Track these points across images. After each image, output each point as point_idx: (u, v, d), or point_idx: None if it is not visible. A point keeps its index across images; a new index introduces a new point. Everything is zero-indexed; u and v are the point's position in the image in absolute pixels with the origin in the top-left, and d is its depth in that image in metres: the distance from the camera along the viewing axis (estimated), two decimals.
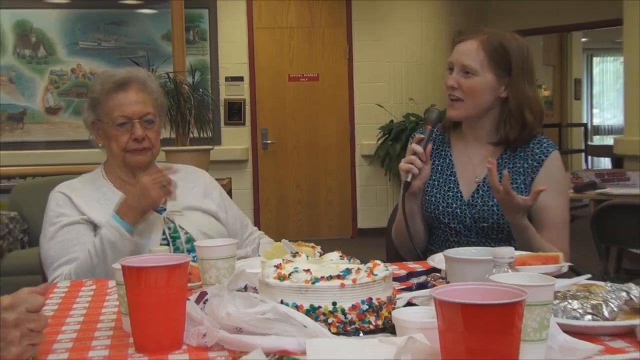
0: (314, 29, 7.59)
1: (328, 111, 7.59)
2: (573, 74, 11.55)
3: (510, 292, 0.91)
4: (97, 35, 7.31)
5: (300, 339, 1.11)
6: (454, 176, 2.16)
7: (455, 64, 2.09)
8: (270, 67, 7.52)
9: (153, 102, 2.12)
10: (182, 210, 2.15)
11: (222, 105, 7.35)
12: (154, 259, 1.23)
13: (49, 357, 1.16)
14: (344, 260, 1.34)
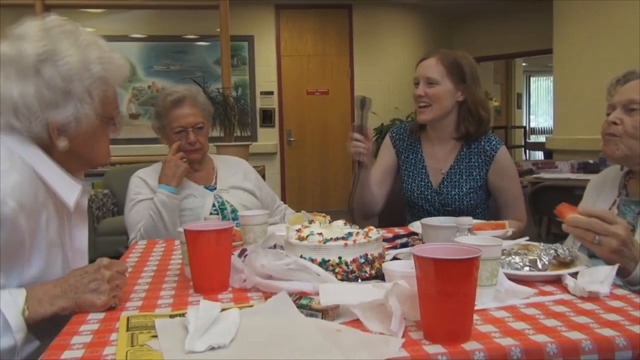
0: (325, 57, 7.58)
1: (335, 116, 7.58)
2: (516, 89, 11.46)
3: (470, 250, 0.90)
4: (167, 61, 7.29)
5: (315, 284, 1.11)
6: (424, 169, 2.07)
7: (420, 77, 2.00)
8: (293, 84, 7.50)
9: (202, 112, 2.12)
10: (228, 189, 2.16)
11: (258, 112, 7.35)
12: (208, 224, 1.23)
13: (131, 295, 1.17)
14: (347, 226, 1.33)
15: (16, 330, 0.99)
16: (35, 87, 1.09)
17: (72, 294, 1.05)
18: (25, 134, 1.12)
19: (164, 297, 1.14)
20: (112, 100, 1.21)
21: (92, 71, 1.13)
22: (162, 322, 0.96)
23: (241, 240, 1.55)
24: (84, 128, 1.15)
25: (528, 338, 0.88)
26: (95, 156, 1.23)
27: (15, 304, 1.01)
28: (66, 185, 1.17)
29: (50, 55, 1.10)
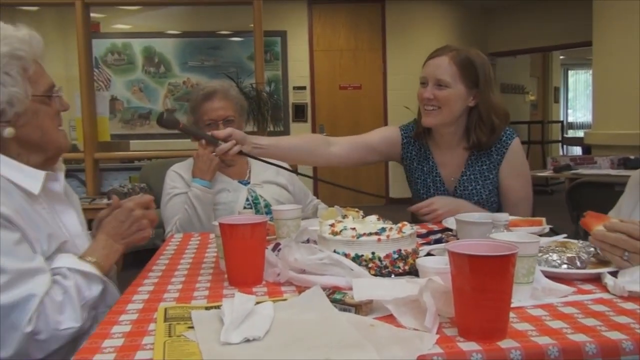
0: (358, 51, 7.56)
1: (368, 111, 7.57)
2: (553, 83, 11.19)
3: (506, 246, 0.89)
4: (201, 57, 7.38)
5: (348, 279, 1.11)
6: (439, 176, 1.94)
7: (429, 78, 1.83)
8: (326, 79, 7.51)
9: (234, 106, 2.13)
10: (262, 183, 2.17)
11: (290, 107, 7.39)
12: (242, 218, 1.24)
13: (169, 287, 1.19)
14: (380, 221, 1.33)
15: (99, 274, 1.17)
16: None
17: (122, 240, 1.25)
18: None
19: (200, 289, 1.16)
20: (39, 76, 1.22)
21: (1, 51, 1.15)
22: (198, 314, 0.98)
23: (275, 234, 1.56)
24: (21, 110, 1.18)
25: (566, 337, 0.86)
26: (48, 140, 1.24)
27: (76, 260, 1.17)
28: (26, 175, 1.19)
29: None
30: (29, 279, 1.06)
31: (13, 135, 1.18)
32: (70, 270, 1.14)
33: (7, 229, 1.08)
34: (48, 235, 1.17)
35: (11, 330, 1.03)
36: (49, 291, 1.09)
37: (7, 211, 1.09)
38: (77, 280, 1.14)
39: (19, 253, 1.07)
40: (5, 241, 1.06)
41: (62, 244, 1.21)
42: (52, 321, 1.07)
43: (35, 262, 1.10)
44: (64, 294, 1.11)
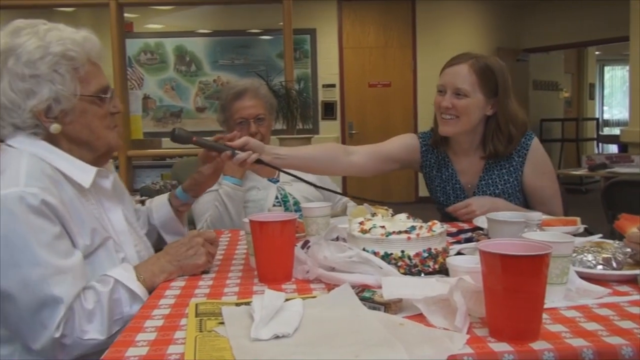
0: (387, 49, 7.53)
1: (397, 109, 7.53)
2: (588, 79, 10.93)
3: (540, 246, 0.87)
4: (231, 55, 7.45)
5: (377, 277, 1.11)
6: (459, 184, 1.92)
7: (448, 86, 1.80)
8: (355, 77, 7.49)
9: (264, 104, 2.15)
10: (291, 182, 2.18)
11: (319, 105, 7.40)
12: (272, 216, 1.25)
13: (200, 283, 1.20)
14: (410, 219, 1.32)
15: (143, 296, 1.16)
16: (7, 81, 1.17)
17: (176, 262, 1.24)
18: (27, 130, 1.20)
19: (230, 286, 1.18)
20: (91, 77, 1.25)
21: (53, 50, 1.18)
22: (229, 310, 0.99)
23: (304, 231, 1.56)
24: (67, 107, 1.21)
25: (601, 339, 0.84)
26: (97, 139, 1.27)
27: (131, 275, 1.18)
28: (78, 169, 1.22)
29: (11, 49, 1.18)
30: (63, 278, 1.07)
31: (59, 132, 1.21)
32: (117, 282, 1.15)
33: (49, 220, 1.09)
34: (92, 230, 1.19)
35: (41, 328, 1.05)
36: (81, 296, 1.09)
37: (53, 201, 1.10)
38: (122, 295, 1.14)
39: (57, 248, 1.09)
40: (45, 233, 1.08)
41: (105, 239, 1.23)
42: (78, 329, 1.07)
43: (73, 259, 1.11)
44: (96, 303, 1.10)
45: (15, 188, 1.07)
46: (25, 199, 1.06)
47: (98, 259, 1.20)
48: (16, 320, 1.06)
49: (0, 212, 1.04)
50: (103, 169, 1.30)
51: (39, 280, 1.05)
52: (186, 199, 1.60)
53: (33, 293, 1.04)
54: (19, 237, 1.04)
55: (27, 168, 1.12)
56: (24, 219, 1.05)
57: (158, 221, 1.59)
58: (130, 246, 1.32)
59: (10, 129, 1.20)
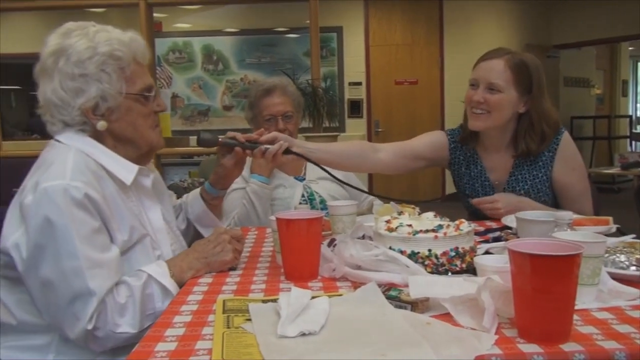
0: (414, 46, 7.47)
1: (424, 106, 7.47)
2: (621, 75, 10.66)
3: (570, 246, 0.86)
4: (258, 54, 7.49)
5: (404, 276, 1.10)
6: (488, 181, 1.90)
7: (481, 80, 1.79)
8: (381, 75, 7.46)
9: (292, 102, 2.16)
10: (317, 180, 2.19)
11: (346, 103, 7.38)
12: (298, 214, 1.25)
13: (227, 279, 1.22)
14: (437, 218, 1.31)
15: (175, 291, 1.17)
16: (58, 80, 1.23)
17: (204, 259, 1.26)
18: (76, 127, 1.25)
19: (257, 283, 1.19)
20: (137, 76, 1.29)
21: (100, 50, 1.23)
22: (256, 307, 0.99)
23: (330, 230, 1.56)
24: (113, 105, 1.25)
25: (634, 342, 0.82)
26: (140, 137, 1.30)
27: (164, 272, 1.20)
28: (121, 166, 1.27)
29: (62, 49, 1.23)
30: (98, 272, 1.09)
31: (105, 128, 1.26)
32: (150, 278, 1.18)
33: (90, 214, 1.13)
34: (130, 227, 1.22)
35: (74, 319, 1.08)
36: (114, 290, 1.12)
37: (96, 196, 1.14)
38: (154, 290, 1.17)
39: (96, 241, 1.12)
40: (86, 226, 1.11)
41: (142, 236, 1.26)
42: (111, 322, 1.10)
43: (109, 254, 1.14)
44: (129, 297, 1.13)
45: (61, 181, 1.11)
46: (69, 191, 1.10)
47: (135, 255, 1.23)
48: (55, 309, 1.10)
49: (46, 203, 1.09)
50: (144, 168, 1.33)
51: (74, 271, 1.08)
52: (215, 193, 1.61)
53: (69, 284, 1.08)
54: (61, 228, 1.08)
55: (73, 162, 1.16)
56: (67, 211, 1.09)
57: (193, 215, 1.61)
58: (166, 244, 1.35)
59: (60, 125, 1.26)
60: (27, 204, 1.11)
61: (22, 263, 1.10)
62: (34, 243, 1.08)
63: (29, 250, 1.09)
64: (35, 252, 1.08)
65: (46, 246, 1.08)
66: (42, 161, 1.21)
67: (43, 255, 1.08)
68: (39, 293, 1.11)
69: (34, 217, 1.09)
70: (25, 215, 1.10)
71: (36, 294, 1.11)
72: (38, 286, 1.10)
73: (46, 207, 1.08)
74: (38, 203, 1.09)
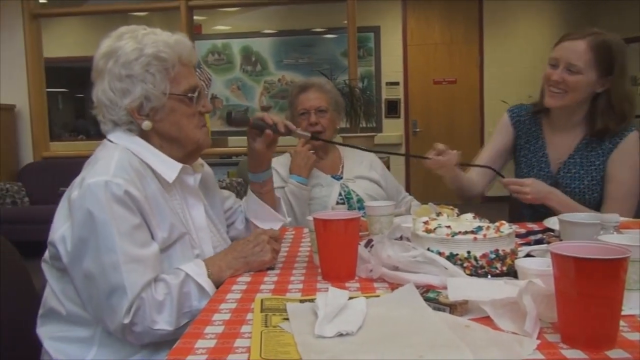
0: (453, 45, 7.38)
1: (463, 106, 7.36)
2: None
3: (617, 249, 0.83)
4: (296, 55, 7.53)
5: (442, 278, 1.09)
6: (545, 157, 1.91)
7: (561, 60, 1.78)
8: (419, 74, 7.39)
9: (328, 99, 2.17)
10: (354, 179, 2.18)
11: (383, 103, 7.35)
12: (336, 214, 1.25)
13: (265, 279, 1.23)
14: (477, 219, 1.29)
15: (211, 291, 1.19)
16: (107, 81, 1.26)
17: (242, 259, 1.28)
18: (124, 126, 1.29)
19: (294, 282, 1.19)
20: (182, 77, 1.31)
21: (146, 52, 1.26)
22: (293, 306, 1.00)
23: (367, 230, 1.55)
24: (157, 105, 1.28)
25: None
26: (185, 136, 1.33)
27: (202, 271, 1.21)
28: (165, 165, 1.30)
29: (112, 51, 1.27)
30: (134, 268, 1.12)
31: (150, 128, 1.29)
32: (188, 277, 1.19)
33: (130, 210, 1.16)
34: (170, 225, 1.25)
35: (112, 313, 1.11)
36: (152, 287, 1.14)
37: (136, 193, 1.17)
38: (191, 289, 1.18)
39: (135, 237, 1.15)
40: (125, 222, 1.14)
41: (182, 235, 1.28)
42: (149, 318, 1.12)
43: (148, 250, 1.17)
44: (166, 295, 1.14)
45: (104, 177, 1.15)
46: (110, 187, 1.14)
47: (175, 253, 1.25)
48: (96, 301, 1.14)
49: (89, 197, 1.13)
50: (188, 167, 1.36)
51: (112, 266, 1.11)
52: (259, 179, 1.59)
53: (107, 277, 1.11)
54: (101, 223, 1.12)
55: (117, 160, 1.20)
56: (107, 206, 1.13)
57: (251, 213, 1.61)
58: (207, 243, 1.37)
59: (110, 125, 1.30)
60: (73, 198, 1.15)
61: (67, 255, 1.15)
62: (77, 236, 1.13)
63: (73, 243, 1.13)
64: (79, 245, 1.13)
65: (88, 239, 1.12)
66: (92, 159, 1.26)
67: (85, 248, 1.12)
68: (82, 285, 1.15)
69: (78, 211, 1.13)
70: (71, 210, 1.15)
71: (79, 285, 1.15)
72: (81, 278, 1.14)
73: (89, 202, 1.13)
74: (82, 197, 1.13)
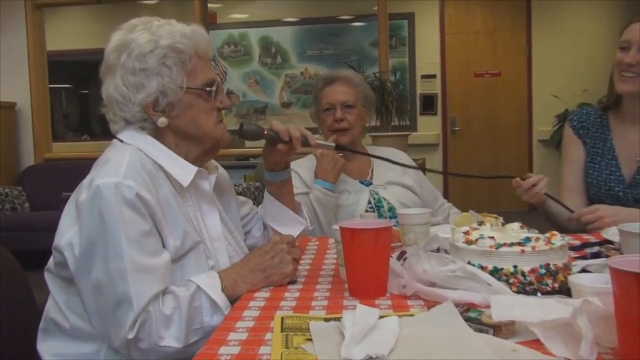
0: (497, 33, 7.33)
1: (508, 102, 7.30)
2: None
3: None
4: (320, 45, 7.56)
5: (485, 295, 1.08)
6: (615, 160, 1.91)
7: (634, 42, 1.81)
8: (459, 66, 7.36)
9: (356, 93, 2.16)
10: (385, 184, 2.17)
11: (418, 98, 7.34)
12: (365, 223, 1.25)
13: (285, 294, 1.23)
14: (524, 230, 1.27)
15: (224, 307, 1.19)
16: (120, 75, 1.29)
17: (261, 272, 1.27)
18: (136, 124, 1.32)
19: (318, 299, 1.19)
20: (198, 71, 1.34)
21: (162, 43, 1.29)
22: (317, 325, 1.00)
23: (400, 241, 1.55)
24: (174, 100, 1.31)
25: None
26: (204, 133, 1.35)
27: (215, 284, 1.22)
28: (179, 167, 1.32)
29: (125, 44, 1.29)
30: (142, 278, 1.13)
31: (166, 125, 1.32)
32: (199, 290, 1.20)
33: (141, 215, 1.18)
34: (184, 232, 1.27)
35: (117, 326, 1.13)
36: (160, 300, 1.15)
37: (148, 196, 1.19)
38: (203, 303, 1.19)
39: (144, 245, 1.17)
40: (135, 227, 1.16)
41: (196, 243, 1.30)
42: (155, 334, 1.13)
43: (158, 259, 1.18)
44: (175, 309, 1.16)
45: (114, 178, 1.18)
46: (120, 189, 1.16)
47: (188, 263, 1.27)
48: (103, 313, 1.15)
49: (98, 199, 1.16)
50: (203, 170, 1.38)
51: (119, 274, 1.13)
52: (276, 178, 1.59)
53: (114, 287, 1.13)
54: (110, 226, 1.14)
55: (128, 161, 1.23)
56: (117, 209, 1.15)
57: (268, 216, 1.61)
58: (223, 254, 1.38)
59: (122, 123, 1.33)
60: (81, 201, 1.18)
61: (74, 262, 1.17)
62: (86, 240, 1.15)
63: (81, 249, 1.16)
64: (88, 250, 1.15)
65: (97, 244, 1.14)
66: (102, 159, 1.29)
67: (95, 253, 1.14)
68: (90, 295, 1.16)
69: (88, 214, 1.16)
70: (80, 213, 1.18)
71: (87, 296, 1.17)
72: (90, 288, 1.15)
73: (98, 204, 1.15)
74: (92, 199, 1.16)
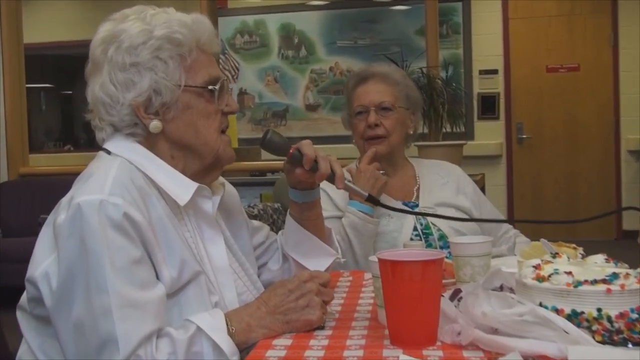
0: (574, 17, 7.29)
1: (589, 103, 7.24)
2: None
3: None
4: (353, 34, 7.59)
5: (562, 345, 1.07)
6: None
7: None
8: (527, 59, 7.33)
9: (395, 93, 2.16)
10: (435, 207, 2.16)
11: (475, 99, 7.30)
12: (409, 254, 1.25)
13: (311, 342, 1.23)
14: (610, 263, 1.26)
15: (230, 354, 1.20)
16: (107, 72, 1.32)
17: (281, 316, 1.27)
18: (125, 130, 1.34)
19: (352, 348, 1.19)
20: (200, 66, 1.36)
21: (157, 34, 1.31)
22: None
23: (453, 277, 1.55)
24: (169, 100, 1.33)
25: None
26: (203, 142, 1.37)
27: (220, 325, 1.22)
28: (176, 183, 1.33)
29: (113, 36, 1.33)
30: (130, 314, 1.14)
31: (159, 131, 1.34)
32: (199, 332, 1.20)
33: (130, 240, 1.19)
34: (181, 261, 1.28)
35: None
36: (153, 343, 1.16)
37: (138, 217, 1.21)
38: (204, 348, 1.20)
39: (133, 275, 1.18)
40: (122, 254, 1.18)
41: (196, 274, 1.31)
42: None
43: (150, 293, 1.19)
44: (170, 355, 1.16)
45: (98, 195, 1.20)
46: (105, 207, 1.18)
47: (187, 298, 1.28)
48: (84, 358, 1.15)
49: (79, 220, 1.17)
50: (205, 187, 1.39)
51: (103, 310, 1.14)
52: (302, 198, 1.56)
53: (97, 326, 1.14)
54: (92, 253, 1.16)
55: (115, 175, 1.25)
56: (101, 233, 1.17)
57: (291, 247, 1.61)
58: (230, 289, 1.39)
59: (109, 130, 1.36)
60: (59, 223, 1.20)
61: (51, 297, 1.18)
62: (65, 271, 1.16)
63: (59, 280, 1.17)
64: (66, 282, 1.16)
65: (78, 274, 1.15)
66: (84, 174, 1.31)
67: (75, 286, 1.15)
68: (68, 337, 1.17)
69: (67, 239, 1.17)
70: (57, 237, 1.20)
71: (65, 337, 1.18)
72: (69, 328, 1.16)
73: (79, 226, 1.17)
74: (71, 221, 1.18)
